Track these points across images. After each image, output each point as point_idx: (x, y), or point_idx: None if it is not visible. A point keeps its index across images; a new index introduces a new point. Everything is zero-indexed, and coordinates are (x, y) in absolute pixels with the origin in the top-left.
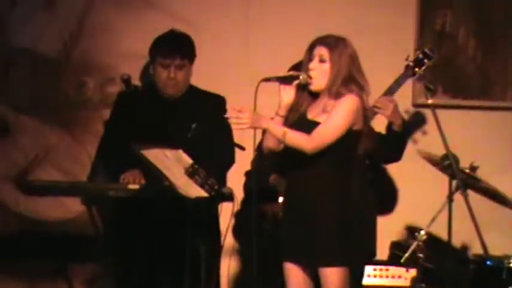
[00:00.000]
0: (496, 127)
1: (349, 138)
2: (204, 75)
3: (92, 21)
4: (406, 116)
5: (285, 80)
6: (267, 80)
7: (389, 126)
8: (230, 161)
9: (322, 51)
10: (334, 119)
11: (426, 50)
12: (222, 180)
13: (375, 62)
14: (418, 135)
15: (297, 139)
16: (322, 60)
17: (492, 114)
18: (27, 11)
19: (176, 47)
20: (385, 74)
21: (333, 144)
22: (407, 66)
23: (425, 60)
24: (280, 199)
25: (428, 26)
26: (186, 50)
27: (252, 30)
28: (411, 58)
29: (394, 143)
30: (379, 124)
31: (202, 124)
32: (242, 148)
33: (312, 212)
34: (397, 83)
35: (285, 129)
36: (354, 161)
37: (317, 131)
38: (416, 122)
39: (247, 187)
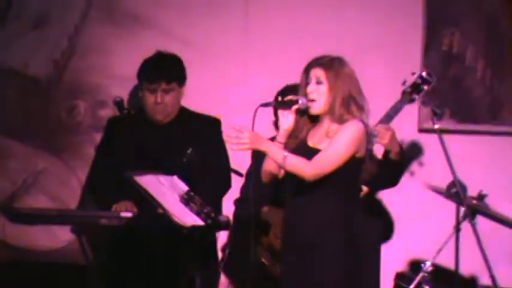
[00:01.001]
0: (506, 153)
1: (352, 166)
2: (201, 96)
3: (83, 41)
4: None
5: (283, 105)
6: (266, 105)
7: (386, 153)
8: (226, 185)
9: (318, 72)
10: (337, 146)
11: (423, 75)
12: (217, 206)
13: (380, 83)
14: (419, 162)
15: (297, 164)
16: (318, 82)
17: (501, 140)
18: (17, 31)
19: (162, 71)
20: (390, 95)
21: (335, 171)
22: (404, 92)
23: (423, 86)
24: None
25: (434, 46)
26: (172, 73)
27: (251, 50)
28: (408, 83)
29: (390, 170)
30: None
31: (197, 148)
32: (240, 175)
33: (312, 248)
34: (394, 109)
35: (285, 153)
36: (355, 189)
37: (319, 158)
38: (417, 149)
39: (236, 216)
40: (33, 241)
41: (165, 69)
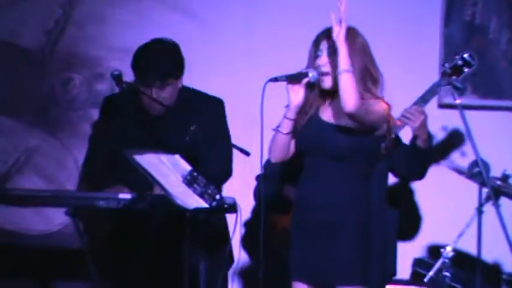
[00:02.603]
0: None
1: (370, 143)
2: (205, 71)
3: (79, 10)
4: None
5: (293, 79)
6: (275, 79)
7: (414, 140)
8: (227, 174)
9: (330, 43)
10: (371, 107)
11: (466, 56)
12: (220, 186)
13: (396, 54)
14: (455, 155)
15: (352, 87)
16: (330, 53)
17: None
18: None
19: (156, 71)
20: (407, 68)
21: (353, 148)
22: (443, 73)
23: (465, 68)
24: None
25: (456, 16)
26: (167, 71)
27: (256, 22)
28: (448, 64)
29: (417, 160)
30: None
31: (201, 126)
32: (247, 153)
33: (330, 228)
34: (432, 91)
35: (350, 69)
36: (373, 174)
37: (365, 104)
38: (451, 140)
39: (257, 193)
40: (26, 224)
41: (159, 69)
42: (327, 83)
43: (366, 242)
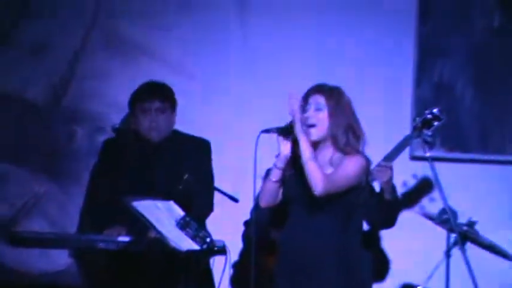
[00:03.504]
0: (495, 181)
1: (351, 195)
2: (203, 123)
3: (83, 67)
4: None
5: (283, 131)
6: (267, 131)
7: (381, 193)
8: (210, 209)
9: (318, 99)
10: (346, 172)
11: (435, 111)
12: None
13: (373, 113)
14: (424, 201)
15: (316, 171)
16: (318, 109)
17: (491, 168)
18: (16, 56)
19: (154, 91)
20: (383, 125)
21: (335, 198)
22: (415, 127)
23: (434, 122)
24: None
25: (426, 77)
26: (164, 93)
27: (250, 78)
28: (419, 119)
29: (385, 210)
30: None
31: (189, 171)
32: (235, 200)
33: (310, 271)
34: (404, 144)
35: (312, 156)
36: (355, 216)
37: (331, 177)
38: (421, 188)
39: (246, 237)
40: (31, 264)
41: (158, 90)
42: (314, 135)
43: (345, 283)
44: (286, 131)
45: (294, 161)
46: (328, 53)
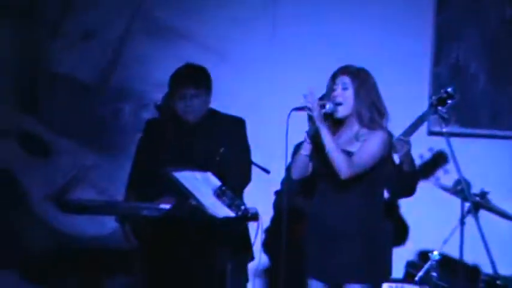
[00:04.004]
0: (505, 154)
1: (376, 167)
2: (233, 104)
3: (127, 51)
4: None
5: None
6: (298, 109)
7: (400, 165)
8: (247, 180)
9: (345, 79)
10: (369, 151)
11: (449, 90)
12: (240, 196)
13: (393, 91)
14: (439, 173)
15: (340, 158)
16: (344, 88)
17: (501, 143)
18: (68, 41)
19: (190, 77)
20: (403, 102)
21: (362, 175)
22: (431, 104)
23: (448, 100)
24: None
25: (443, 59)
26: (199, 79)
27: (279, 59)
28: (435, 97)
29: (404, 181)
30: None
31: (228, 144)
32: (267, 172)
33: (338, 236)
34: (421, 120)
35: (334, 146)
36: (379, 189)
37: (355, 159)
38: (437, 161)
39: (276, 206)
40: (83, 229)
41: (194, 76)
42: (341, 112)
43: (368, 247)
44: (309, 107)
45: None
46: (352, 37)
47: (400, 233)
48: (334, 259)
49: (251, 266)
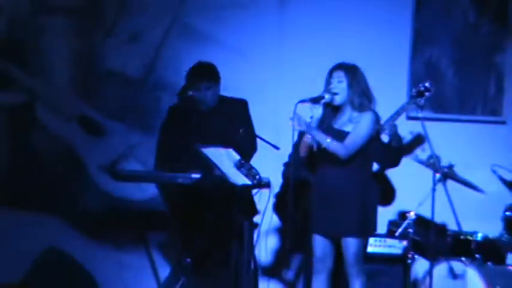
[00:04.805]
0: (469, 134)
1: (368, 145)
2: (250, 94)
3: (165, 51)
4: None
5: (315, 100)
6: (302, 101)
7: (390, 142)
8: (254, 149)
9: (340, 74)
10: (360, 132)
11: (427, 85)
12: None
13: (378, 84)
14: (418, 151)
15: (336, 147)
16: (340, 81)
17: (466, 125)
18: (118, 41)
19: (203, 73)
20: (386, 93)
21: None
22: (411, 96)
23: (426, 92)
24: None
25: (419, 57)
26: (210, 75)
27: (286, 59)
28: (414, 90)
29: (392, 155)
30: None
31: (234, 124)
32: (277, 148)
33: (341, 196)
34: (402, 110)
35: (328, 139)
36: (369, 161)
37: (349, 141)
38: (416, 141)
39: (285, 175)
40: (129, 192)
41: (206, 72)
42: (338, 100)
43: (362, 208)
44: (317, 99)
45: (322, 121)
46: (346, 38)
47: (384, 197)
48: (335, 218)
49: (264, 225)
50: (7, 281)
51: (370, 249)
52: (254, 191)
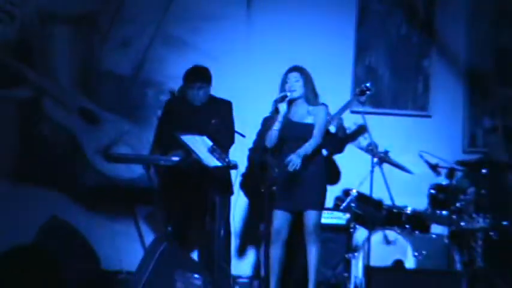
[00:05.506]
0: (400, 125)
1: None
2: (221, 93)
3: (152, 55)
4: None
5: (281, 100)
6: (276, 100)
7: (336, 132)
8: (232, 141)
9: (296, 74)
10: (322, 122)
11: (368, 85)
12: (227, 152)
13: (327, 85)
14: (360, 139)
15: (314, 143)
16: (296, 80)
17: (398, 118)
18: (112, 46)
19: (197, 76)
20: (333, 92)
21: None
22: (354, 94)
23: (367, 91)
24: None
25: (361, 62)
26: (203, 77)
27: (253, 63)
28: (357, 89)
29: (338, 143)
30: None
31: (219, 119)
32: (243, 136)
33: (304, 176)
34: (348, 105)
35: (310, 149)
36: (322, 147)
37: (318, 132)
38: (358, 131)
39: (250, 158)
40: (119, 172)
41: (199, 75)
42: (295, 95)
43: (320, 185)
44: (283, 98)
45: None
46: (301, 45)
47: (332, 177)
48: (299, 194)
49: (233, 200)
50: (18, 244)
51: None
52: (233, 174)
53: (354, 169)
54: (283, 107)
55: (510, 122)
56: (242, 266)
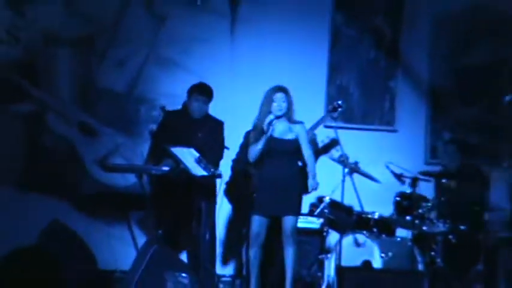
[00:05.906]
0: (369, 139)
1: (297, 147)
2: (212, 111)
3: (145, 74)
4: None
5: (270, 123)
6: (271, 120)
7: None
8: (221, 157)
9: (282, 95)
10: (307, 140)
11: (340, 102)
12: (217, 166)
13: (302, 103)
14: (333, 151)
15: (312, 160)
16: (284, 101)
17: (367, 132)
18: (109, 65)
19: (204, 90)
20: (308, 109)
21: (297, 151)
22: (327, 111)
23: (339, 108)
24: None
25: (333, 81)
26: (209, 93)
27: (236, 83)
28: (330, 106)
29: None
30: None
31: (210, 135)
32: (227, 148)
33: (284, 182)
34: (321, 121)
35: (312, 165)
36: (299, 160)
37: (306, 150)
38: (331, 144)
39: (233, 169)
40: (115, 180)
41: (205, 90)
42: (280, 113)
43: (298, 192)
44: (271, 122)
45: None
46: (281, 68)
47: (307, 185)
48: (279, 200)
49: (217, 206)
50: (22, 245)
51: None
52: (218, 184)
53: (327, 178)
54: (270, 129)
55: (466, 135)
56: (226, 266)
